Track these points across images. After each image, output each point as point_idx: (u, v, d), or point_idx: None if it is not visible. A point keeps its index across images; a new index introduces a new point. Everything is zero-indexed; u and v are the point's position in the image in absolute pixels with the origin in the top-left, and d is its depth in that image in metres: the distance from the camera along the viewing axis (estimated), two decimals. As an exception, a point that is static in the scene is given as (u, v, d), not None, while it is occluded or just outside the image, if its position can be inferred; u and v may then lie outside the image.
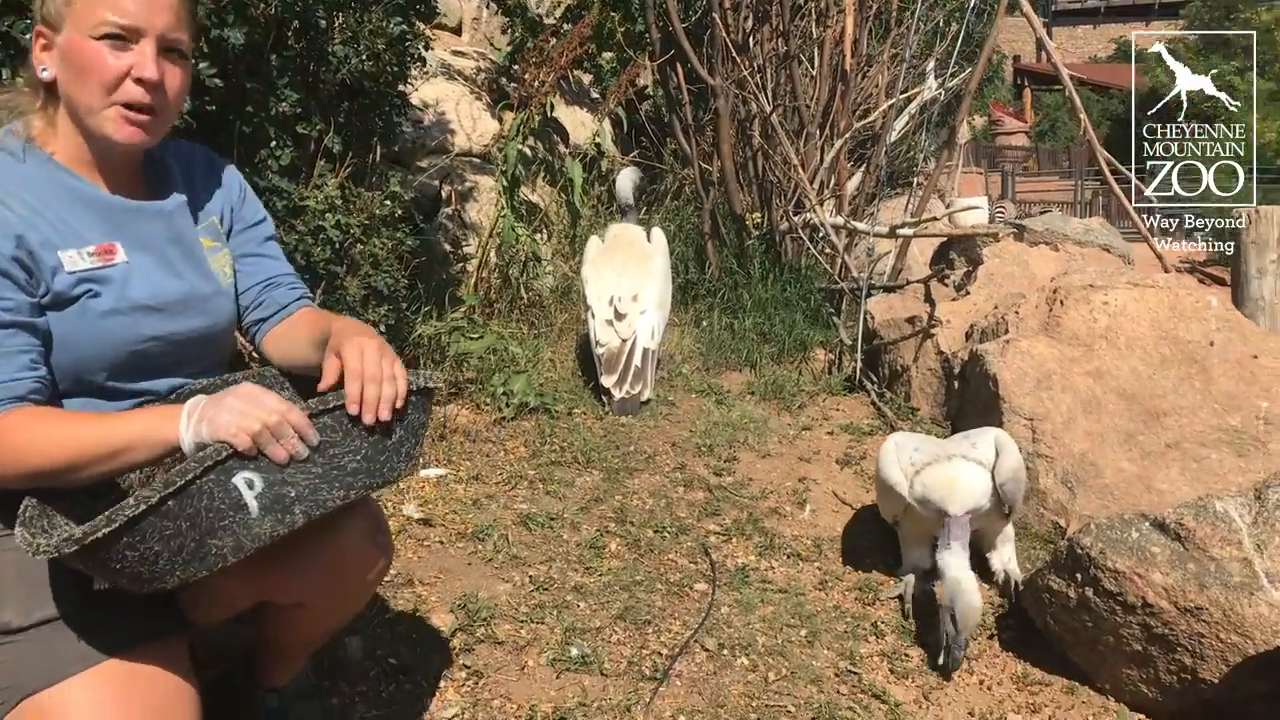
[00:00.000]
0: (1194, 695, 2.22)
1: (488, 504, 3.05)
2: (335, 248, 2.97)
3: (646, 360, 3.90)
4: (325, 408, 1.46)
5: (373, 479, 1.50)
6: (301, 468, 1.43)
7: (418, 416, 1.58)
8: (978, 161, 25.18)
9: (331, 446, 1.46)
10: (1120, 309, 3.35)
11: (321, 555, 1.68)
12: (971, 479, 2.61)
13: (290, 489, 1.43)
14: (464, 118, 5.76)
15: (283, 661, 1.92)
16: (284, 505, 1.43)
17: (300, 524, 1.45)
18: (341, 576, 1.72)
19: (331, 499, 1.46)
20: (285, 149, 2.85)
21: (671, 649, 2.44)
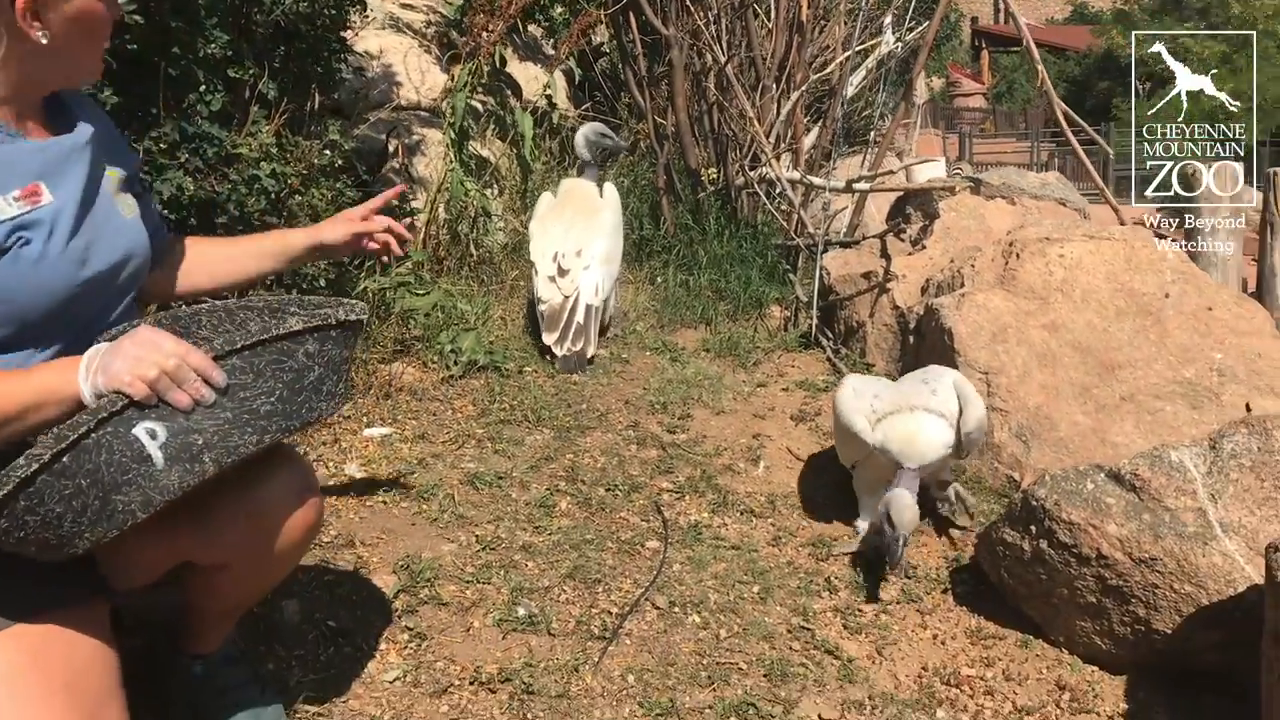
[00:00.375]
0: (1147, 646, 2.21)
1: (433, 463, 2.97)
2: (271, 198, 2.85)
3: (590, 317, 3.81)
4: (233, 348, 1.37)
5: (290, 421, 1.42)
6: (209, 413, 1.35)
7: (338, 351, 1.50)
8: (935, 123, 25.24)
9: (242, 389, 1.37)
10: (1076, 262, 3.32)
11: (243, 513, 1.60)
12: (933, 433, 2.61)
13: (198, 436, 1.34)
14: (412, 70, 5.60)
15: (208, 627, 1.84)
16: (192, 454, 1.34)
17: (212, 473, 1.36)
18: (266, 536, 1.64)
19: (245, 444, 1.38)
20: (216, 93, 2.71)
21: (622, 608, 2.39)
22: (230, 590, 1.74)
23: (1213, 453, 2.25)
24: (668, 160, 5.11)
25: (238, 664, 1.91)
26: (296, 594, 2.27)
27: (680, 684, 2.14)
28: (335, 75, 3.37)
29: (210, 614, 1.82)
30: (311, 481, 1.70)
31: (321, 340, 1.46)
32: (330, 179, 3.16)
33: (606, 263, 3.91)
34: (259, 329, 1.43)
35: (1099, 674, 2.30)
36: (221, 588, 1.72)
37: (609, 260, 3.93)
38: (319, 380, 1.46)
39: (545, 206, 4.10)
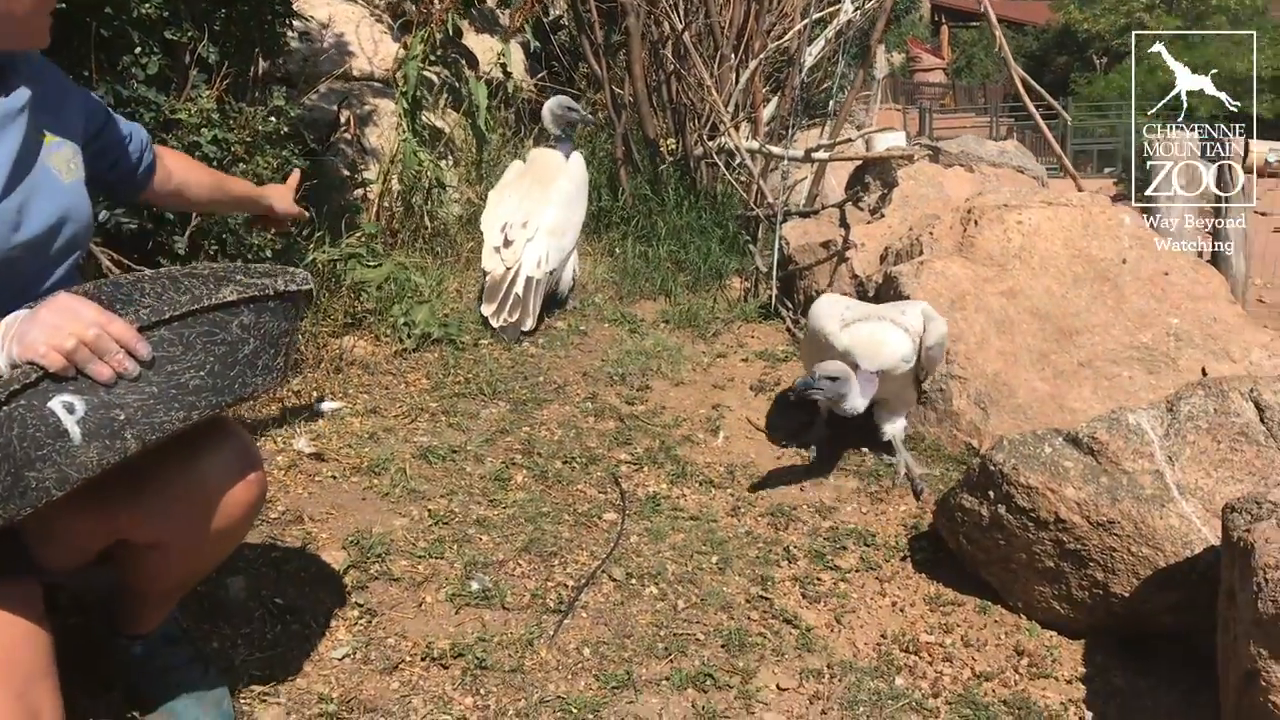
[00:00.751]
0: (1104, 610, 2.20)
1: (385, 437, 2.91)
2: (213, 165, 2.75)
3: (530, 289, 3.74)
4: (162, 318, 1.30)
5: (221, 396, 1.35)
6: (132, 387, 1.27)
7: (277, 323, 1.43)
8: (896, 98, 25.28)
9: (169, 362, 1.30)
10: (1034, 228, 3.30)
11: (179, 491, 1.53)
12: (894, 341, 2.72)
13: (119, 411, 1.27)
14: (364, 40, 5.48)
15: (147, 607, 1.77)
16: (112, 430, 1.27)
17: (134, 450, 1.29)
18: (204, 515, 1.57)
19: (170, 421, 1.31)
20: (152, 56, 2.61)
21: (578, 580, 2.35)
22: (168, 571, 1.67)
23: (1170, 415, 2.24)
24: (625, 130, 5.04)
25: (179, 643, 1.85)
26: (242, 570, 2.21)
27: (637, 656, 2.11)
28: (279, 40, 3.26)
29: (148, 595, 1.75)
30: (254, 457, 1.63)
31: (258, 312, 1.39)
32: (276, 147, 3.06)
33: (554, 234, 3.83)
34: (189, 299, 1.36)
35: (1057, 639, 2.30)
36: (159, 568, 1.65)
37: (558, 232, 3.84)
38: (254, 354, 1.39)
39: (511, 175, 4.03)
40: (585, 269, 4.55)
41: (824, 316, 2.86)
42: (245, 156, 2.92)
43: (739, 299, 4.42)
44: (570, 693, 1.97)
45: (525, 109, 5.77)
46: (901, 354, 2.72)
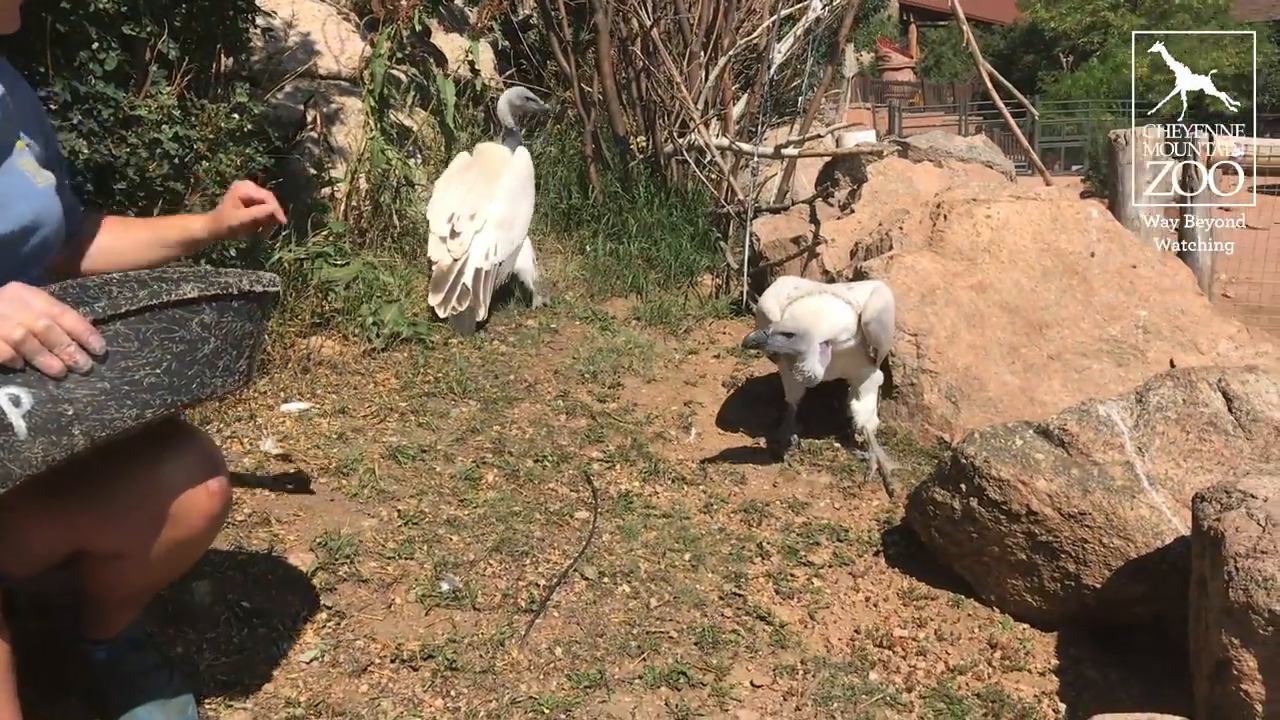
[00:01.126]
0: (1077, 602, 2.21)
1: (354, 438, 2.87)
2: (174, 163, 2.71)
3: (479, 280, 3.73)
4: (116, 312, 1.26)
5: (177, 395, 1.31)
6: (83, 381, 1.23)
7: (240, 324, 1.39)
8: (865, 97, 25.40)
9: (124, 358, 1.26)
10: (1003, 222, 3.31)
11: (140, 498, 1.48)
12: (834, 311, 2.77)
13: (68, 406, 1.23)
14: (330, 39, 5.42)
15: (109, 613, 1.73)
16: (60, 425, 1.23)
17: (82, 446, 1.25)
18: (165, 525, 1.52)
19: (122, 418, 1.27)
20: (110, 52, 2.56)
21: (549, 579, 2.32)
22: (129, 580, 1.62)
23: (1139, 406, 2.25)
24: (595, 128, 5.01)
25: (144, 649, 1.81)
26: (208, 574, 2.17)
27: (609, 654, 2.09)
28: (242, 36, 3.22)
29: (110, 602, 1.70)
30: (217, 464, 1.57)
31: (220, 311, 1.36)
32: (240, 144, 3.01)
33: (503, 227, 3.82)
34: (148, 294, 1.32)
35: (1030, 631, 2.30)
36: (119, 577, 1.60)
37: (505, 225, 3.83)
38: (214, 354, 1.35)
39: (457, 167, 4.04)
40: (555, 267, 4.53)
41: (766, 298, 2.94)
42: (208, 154, 2.88)
43: (710, 295, 4.41)
44: (542, 693, 1.95)
45: (494, 106, 5.74)
46: (842, 323, 2.76)
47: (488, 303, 3.77)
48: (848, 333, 2.78)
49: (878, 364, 2.94)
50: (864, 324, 2.78)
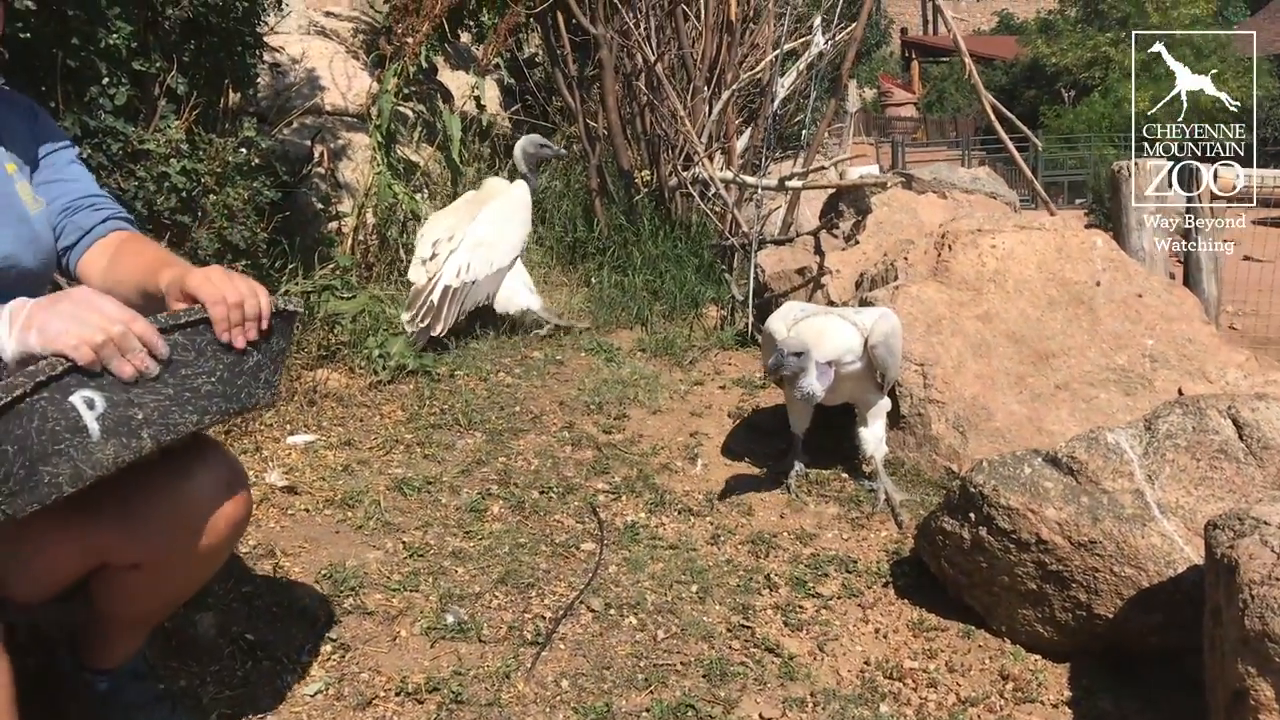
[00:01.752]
0: (1089, 632, 2.18)
1: (360, 470, 2.86)
2: (182, 196, 2.73)
3: (446, 298, 3.77)
4: (177, 323, 1.34)
5: (230, 404, 1.40)
6: (150, 387, 1.31)
7: (278, 341, 1.48)
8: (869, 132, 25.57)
9: (184, 366, 1.34)
10: (1008, 252, 3.31)
11: (168, 505, 1.50)
12: (839, 332, 2.77)
13: (138, 410, 1.30)
14: (338, 75, 5.49)
15: (118, 638, 1.72)
16: (130, 428, 1.30)
17: (149, 450, 1.32)
18: (192, 530, 1.53)
19: (184, 423, 1.35)
20: (120, 87, 2.59)
21: (555, 611, 2.31)
22: (148, 592, 1.62)
23: (1148, 434, 2.23)
24: (600, 162, 5.04)
25: (146, 680, 1.80)
26: (212, 607, 2.16)
27: (616, 687, 2.06)
28: (250, 71, 3.25)
29: (122, 621, 1.69)
30: (240, 474, 1.61)
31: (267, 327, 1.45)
32: (247, 178, 3.03)
33: (481, 246, 3.87)
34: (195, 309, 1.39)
35: (1042, 662, 2.27)
36: (139, 590, 1.60)
37: (485, 244, 3.88)
38: (257, 366, 1.44)
39: (459, 200, 4.15)
40: (561, 299, 4.54)
41: (774, 319, 2.92)
42: (215, 188, 2.90)
43: (715, 327, 4.41)
44: (549, 726, 1.93)
45: (500, 142, 5.78)
46: (846, 344, 2.75)
47: (449, 320, 3.80)
48: (853, 354, 2.76)
49: (885, 390, 2.91)
50: (870, 347, 2.76)
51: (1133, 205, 5.28)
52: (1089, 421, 2.90)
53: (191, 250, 2.83)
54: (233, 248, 2.92)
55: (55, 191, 1.63)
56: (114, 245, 1.67)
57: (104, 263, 1.65)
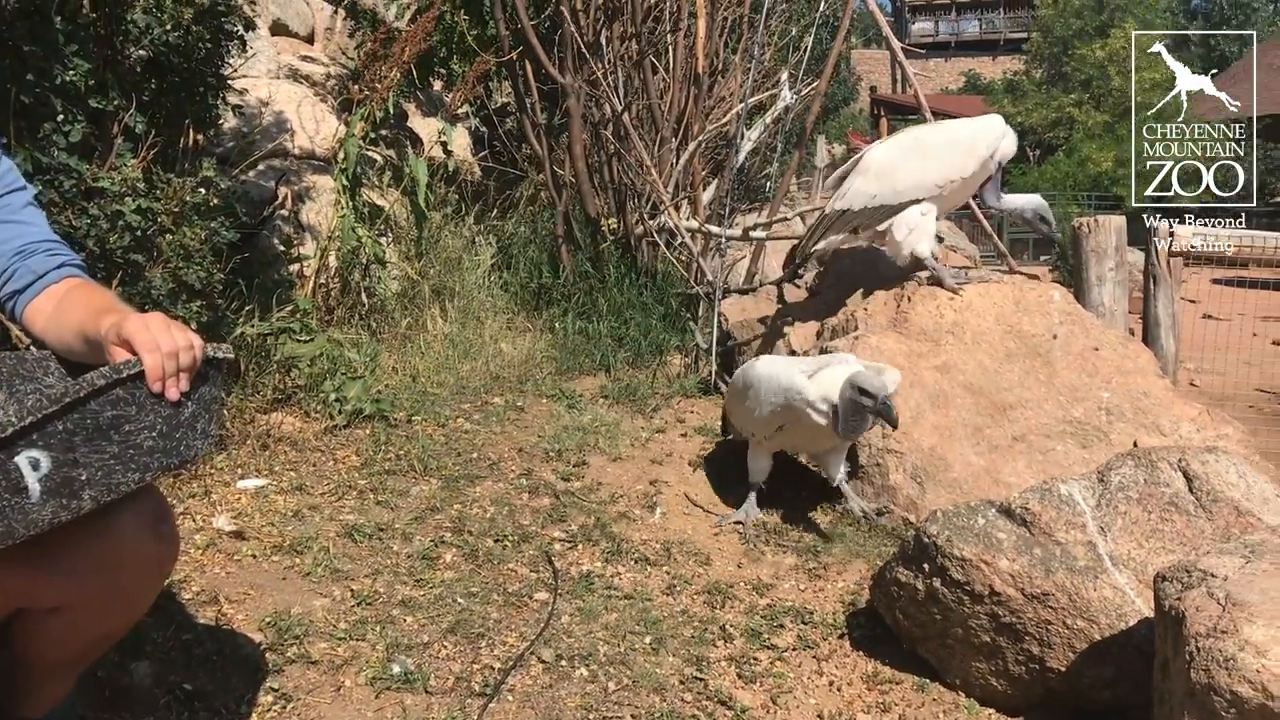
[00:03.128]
0: (1042, 686, 2.16)
1: (310, 515, 2.81)
2: (137, 235, 2.69)
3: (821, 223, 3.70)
4: (119, 377, 1.32)
5: (169, 458, 1.39)
6: (96, 445, 1.30)
7: (210, 390, 1.45)
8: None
9: (126, 422, 1.33)
10: (967, 304, 3.34)
11: (91, 549, 1.44)
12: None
13: (82, 471, 1.30)
14: (306, 119, 5.49)
15: (40, 684, 1.66)
16: (72, 490, 1.29)
17: (88, 509, 1.31)
18: (117, 572, 1.48)
19: (126, 482, 1.34)
20: (75, 124, 2.57)
21: (505, 662, 2.26)
22: (71, 637, 1.56)
23: (1101, 485, 2.24)
24: (567, 209, 5.06)
25: (76, 729, 1.73)
26: (149, 655, 2.10)
27: (564, 740, 2.02)
28: (212, 112, 3.24)
29: (45, 668, 1.63)
30: (166, 513, 1.56)
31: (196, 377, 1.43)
32: (205, 219, 3.00)
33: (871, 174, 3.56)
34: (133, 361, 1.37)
35: (996, 716, 2.25)
36: (60, 634, 1.54)
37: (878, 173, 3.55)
38: (193, 417, 1.42)
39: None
40: (524, 345, 4.52)
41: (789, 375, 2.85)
42: (172, 227, 2.87)
43: (679, 374, 4.41)
44: (492, 780, 1.88)
45: (468, 188, 5.79)
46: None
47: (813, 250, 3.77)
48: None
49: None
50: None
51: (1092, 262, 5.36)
52: (1045, 473, 2.91)
53: (145, 290, 2.79)
54: (188, 288, 2.88)
55: (9, 233, 1.60)
56: (63, 291, 1.63)
57: (50, 308, 1.62)
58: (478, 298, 4.80)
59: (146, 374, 1.35)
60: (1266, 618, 1.54)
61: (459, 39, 6.07)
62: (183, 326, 1.43)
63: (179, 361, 1.37)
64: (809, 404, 2.79)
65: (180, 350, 1.37)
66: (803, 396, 2.80)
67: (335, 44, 7.87)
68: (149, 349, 1.35)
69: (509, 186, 6.02)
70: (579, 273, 4.94)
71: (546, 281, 4.98)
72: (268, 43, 6.24)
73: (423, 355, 4.21)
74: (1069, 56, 31.23)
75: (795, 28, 6.82)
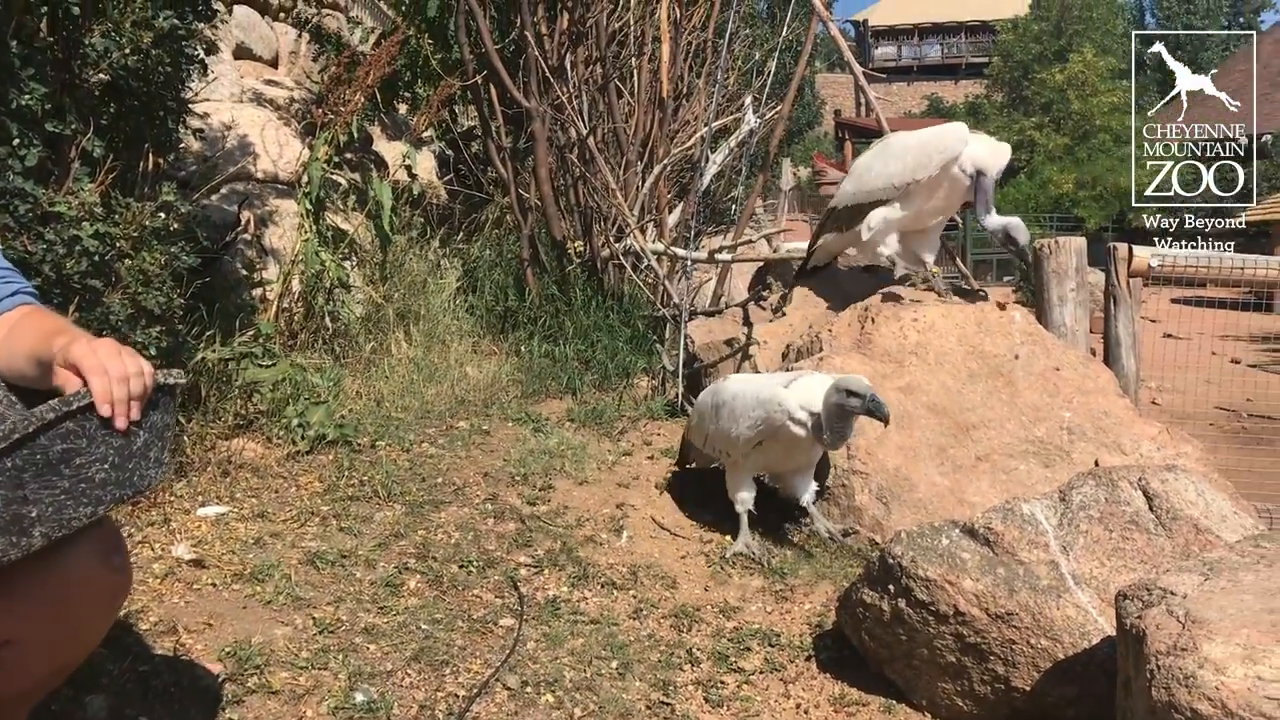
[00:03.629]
0: (1008, 705, 2.17)
1: (271, 543, 2.77)
2: (94, 260, 2.66)
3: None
4: (69, 409, 1.29)
5: (123, 490, 1.36)
6: (46, 481, 1.27)
7: (162, 417, 1.42)
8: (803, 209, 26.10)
9: (77, 455, 1.29)
10: (929, 325, 3.37)
11: (42, 582, 1.41)
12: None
13: (32, 508, 1.26)
14: (269, 143, 5.45)
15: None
16: (22, 527, 1.26)
17: (38, 547, 1.29)
18: (67, 608, 1.45)
19: (78, 517, 1.31)
20: (31, 148, 2.53)
21: (470, 690, 2.23)
22: (22, 671, 1.51)
23: (1063, 504, 2.26)
24: (532, 232, 5.06)
25: (26, 767, 1.69)
26: (104, 688, 2.05)
27: (529, 768, 2.00)
28: (172, 136, 3.21)
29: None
30: (119, 542, 1.54)
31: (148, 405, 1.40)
32: (165, 243, 2.97)
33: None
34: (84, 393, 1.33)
35: (963, 737, 2.25)
36: (11, 668, 1.49)
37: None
38: (146, 446, 1.40)
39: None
40: (490, 368, 4.50)
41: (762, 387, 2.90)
42: (131, 252, 2.83)
43: (646, 397, 4.40)
44: (456, 811, 1.85)
45: (434, 211, 5.78)
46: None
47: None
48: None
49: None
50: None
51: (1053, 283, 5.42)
52: (1009, 492, 2.93)
53: (103, 315, 2.75)
54: (148, 313, 2.84)
55: None
56: (15, 319, 1.61)
57: (1, 336, 1.59)
58: (443, 321, 4.77)
59: (95, 397, 1.32)
60: (1225, 635, 1.55)
61: (424, 63, 6.07)
62: (133, 352, 1.40)
63: (129, 388, 1.35)
64: (789, 415, 2.79)
65: (130, 376, 1.35)
66: (783, 408, 2.80)
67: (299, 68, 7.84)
68: (96, 372, 1.33)
69: (474, 210, 6.01)
70: (545, 295, 4.93)
71: (512, 305, 4.97)
72: (231, 66, 6.20)
73: (387, 379, 4.18)
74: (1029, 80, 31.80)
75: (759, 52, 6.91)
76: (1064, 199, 26.56)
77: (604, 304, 4.85)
